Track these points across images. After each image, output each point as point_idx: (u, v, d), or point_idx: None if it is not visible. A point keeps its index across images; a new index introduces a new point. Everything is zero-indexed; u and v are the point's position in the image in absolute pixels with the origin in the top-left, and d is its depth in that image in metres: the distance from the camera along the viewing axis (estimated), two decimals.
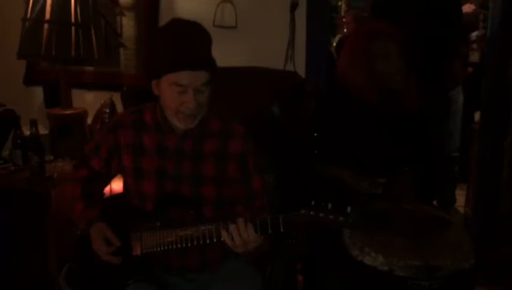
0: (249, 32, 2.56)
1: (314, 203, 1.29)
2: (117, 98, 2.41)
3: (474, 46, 3.92)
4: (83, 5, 2.34)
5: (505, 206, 2.74)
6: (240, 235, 1.37)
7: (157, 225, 1.52)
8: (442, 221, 1.70)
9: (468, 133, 3.35)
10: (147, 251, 1.54)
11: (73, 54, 2.33)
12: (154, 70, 1.48)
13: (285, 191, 1.94)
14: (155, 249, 1.52)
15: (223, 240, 1.40)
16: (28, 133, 2.18)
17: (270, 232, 1.36)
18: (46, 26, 2.30)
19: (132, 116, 1.63)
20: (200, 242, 1.44)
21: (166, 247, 1.50)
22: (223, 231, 1.40)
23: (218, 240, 1.42)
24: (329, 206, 1.28)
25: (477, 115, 3.16)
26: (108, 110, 2.49)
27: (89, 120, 2.58)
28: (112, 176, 1.74)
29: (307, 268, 1.95)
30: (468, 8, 3.40)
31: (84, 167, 1.70)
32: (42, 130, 2.33)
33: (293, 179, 1.96)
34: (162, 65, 1.45)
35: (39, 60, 2.77)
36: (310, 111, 2.05)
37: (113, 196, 1.82)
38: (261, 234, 1.37)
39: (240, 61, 2.35)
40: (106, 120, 2.48)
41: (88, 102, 2.75)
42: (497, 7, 2.63)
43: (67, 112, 2.51)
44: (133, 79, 2.69)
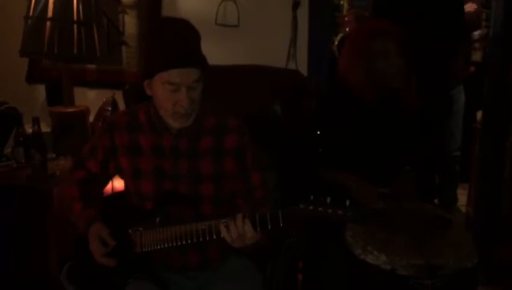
0: (251, 30, 2.56)
1: (313, 197, 1.30)
2: (119, 96, 2.41)
3: (477, 45, 3.92)
4: (85, 3, 2.34)
5: (506, 206, 2.74)
6: (237, 229, 1.38)
7: (156, 223, 1.53)
8: (443, 220, 1.70)
9: (469, 132, 3.34)
10: (146, 249, 1.54)
11: (75, 52, 2.33)
12: (146, 70, 1.49)
13: (287, 189, 1.94)
14: (155, 247, 1.52)
15: (222, 236, 1.41)
16: (30, 131, 2.18)
17: (270, 228, 1.36)
18: (48, 24, 2.30)
19: (126, 117, 1.63)
20: (199, 239, 1.45)
21: (166, 244, 1.50)
22: (222, 227, 1.40)
23: (217, 236, 1.42)
24: (328, 200, 1.28)
25: (479, 115, 3.16)
26: (110, 108, 2.49)
27: (91, 118, 2.58)
28: (110, 177, 1.74)
29: (308, 267, 1.95)
30: (470, 7, 3.40)
31: (80, 169, 1.70)
32: (44, 128, 2.33)
33: (294, 177, 1.96)
34: (153, 65, 1.45)
35: (41, 58, 2.77)
36: (311, 110, 2.05)
37: (115, 193, 1.82)
38: (261, 229, 1.38)
39: (242, 60, 2.35)
40: (106, 119, 2.48)
41: (90, 100, 2.75)
42: (500, 6, 2.62)
43: (69, 110, 2.51)
44: (135, 77, 2.69)
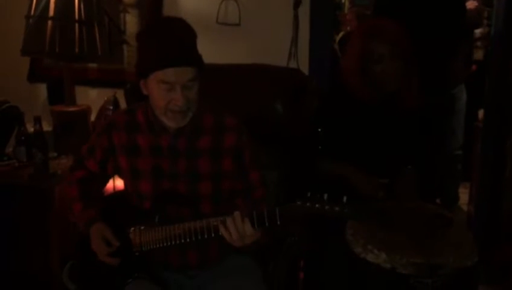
0: (252, 29, 2.56)
1: (310, 194, 1.30)
2: (120, 95, 2.41)
3: (478, 43, 3.91)
4: (86, 2, 2.34)
5: (507, 205, 2.74)
6: (237, 229, 1.38)
7: (155, 222, 1.53)
8: (444, 219, 1.70)
9: (471, 131, 3.34)
10: (146, 248, 1.54)
11: (76, 51, 2.33)
12: (141, 69, 1.48)
13: (289, 188, 1.94)
14: (154, 246, 1.52)
15: (221, 234, 1.41)
16: (32, 130, 2.18)
17: (267, 225, 1.36)
18: (49, 23, 2.30)
19: (125, 116, 1.63)
20: (198, 237, 1.45)
21: (166, 243, 1.50)
22: (220, 225, 1.40)
23: (216, 234, 1.42)
24: (325, 197, 1.28)
25: (480, 113, 3.16)
26: (111, 107, 2.49)
27: (92, 117, 2.58)
28: (109, 177, 1.75)
29: (309, 265, 1.95)
30: (471, 4, 3.38)
31: (80, 169, 1.71)
32: (46, 127, 2.33)
33: (295, 176, 1.96)
34: (148, 64, 1.45)
35: (43, 57, 2.77)
36: (312, 109, 2.05)
37: (114, 193, 1.82)
38: (258, 226, 1.38)
39: (243, 59, 2.35)
40: (106, 118, 2.48)
41: (91, 99, 2.76)
42: (501, 5, 2.62)
43: (70, 109, 2.51)
44: None
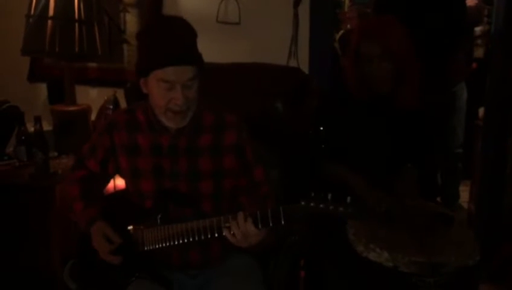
0: (252, 28, 2.55)
1: (314, 194, 1.29)
2: (120, 94, 2.41)
3: (479, 41, 3.90)
4: (86, 1, 2.34)
5: (508, 203, 2.73)
6: (240, 229, 1.37)
7: (157, 222, 1.53)
8: (446, 217, 1.69)
9: (472, 129, 3.33)
10: (148, 247, 1.54)
11: (76, 50, 2.33)
12: (141, 68, 1.48)
13: (289, 186, 1.94)
14: (156, 246, 1.52)
15: (224, 235, 1.41)
16: (32, 129, 2.18)
17: (272, 225, 1.36)
18: (49, 22, 2.30)
19: (125, 116, 1.63)
20: (201, 237, 1.45)
21: (168, 243, 1.50)
22: (224, 229, 1.40)
23: (219, 235, 1.42)
24: (329, 196, 1.28)
25: (481, 111, 3.15)
26: (111, 106, 2.49)
27: (92, 116, 2.58)
28: (110, 176, 1.74)
29: (310, 264, 1.95)
30: (470, 1, 3.38)
31: (81, 168, 1.70)
32: (46, 127, 2.33)
33: (296, 174, 1.96)
34: (148, 62, 1.45)
35: (43, 57, 2.77)
36: (312, 107, 2.05)
37: (116, 192, 1.82)
38: (262, 227, 1.37)
39: (243, 57, 2.35)
40: (107, 117, 2.48)
41: (92, 98, 2.76)
42: (502, 2, 2.62)
43: (71, 108, 2.51)
44: None
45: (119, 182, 1.84)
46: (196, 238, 1.45)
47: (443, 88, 2.96)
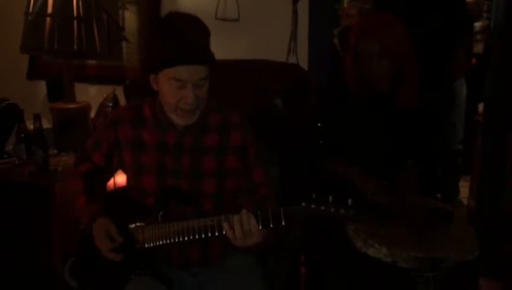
0: (251, 24, 2.55)
1: (315, 196, 1.29)
2: (120, 92, 2.41)
3: (478, 37, 3.89)
4: None
5: (508, 199, 2.73)
6: (242, 226, 1.37)
7: (158, 219, 1.53)
8: (445, 213, 1.69)
9: (471, 125, 3.33)
10: (149, 245, 1.54)
11: (75, 47, 2.33)
12: (153, 65, 1.47)
13: (289, 184, 1.94)
14: (157, 243, 1.52)
15: (224, 233, 1.40)
16: (32, 127, 2.18)
17: (272, 226, 1.36)
18: (48, 20, 2.29)
19: (131, 111, 1.63)
20: (201, 235, 1.44)
21: (168, 240, 1.50)
22: (224, 222, 1.40)
23: (220, 233, 1.42)
24: (330, 199, 1.28)
25: (481, 107, 3.15)
26: (111, 104, 2.49)
27: (92, 114, 2.58)
28: (114, 170, 1.74)
29: (310, 261, 1.96)
30: None
31: (85, 162, 1.70)
32: (45, 125, 2.33)
33: (296, 171, 1.96)
34: (160, 60, 1.44)
35: (42, 54, 2.77)
36: (312, 104, 2.05)
37: (117, 189, 1.82)
38: (263, 227, 1.37)
39: (242, 54, 2.35)
40: (109, 114, 2.48)
41: (91, 96, 2.75)
42: None
43: (70, 106, 2.51)
44: (136, 72, 2.69)
45: (119, 180, 1.84)
46: (197, 237, 1.45)
47: (443, 83, 2.95)
